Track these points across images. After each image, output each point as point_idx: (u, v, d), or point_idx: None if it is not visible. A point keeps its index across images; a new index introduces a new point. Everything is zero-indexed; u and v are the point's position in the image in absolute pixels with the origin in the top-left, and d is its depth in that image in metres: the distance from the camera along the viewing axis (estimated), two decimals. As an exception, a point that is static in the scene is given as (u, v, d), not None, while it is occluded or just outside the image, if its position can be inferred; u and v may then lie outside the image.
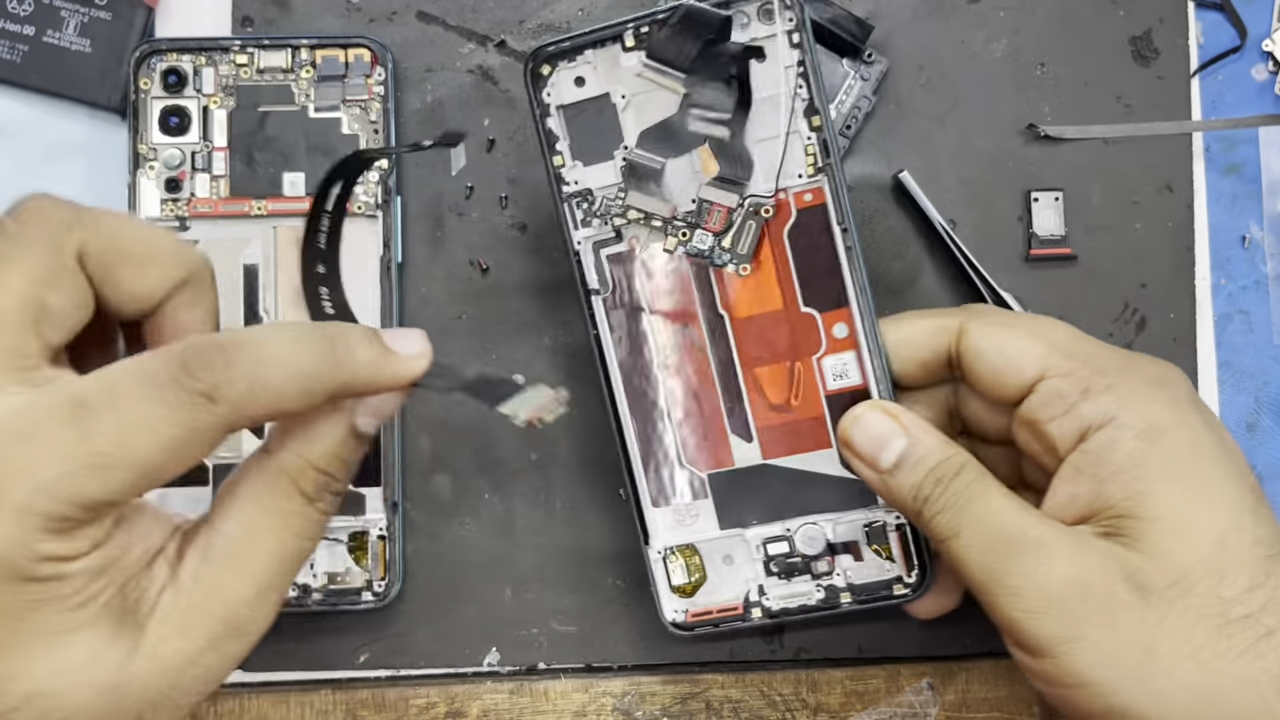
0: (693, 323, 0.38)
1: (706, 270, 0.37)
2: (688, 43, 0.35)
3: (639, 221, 0.37)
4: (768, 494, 0.38)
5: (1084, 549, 0.30)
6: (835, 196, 0.36)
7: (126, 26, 0.42)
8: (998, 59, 0.43)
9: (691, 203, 0.37)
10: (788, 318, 0.37)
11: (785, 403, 0.38)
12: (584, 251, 0.38)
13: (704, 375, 0.38)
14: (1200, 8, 0.44)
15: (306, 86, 0.41)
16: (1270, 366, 0.43)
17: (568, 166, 0.37)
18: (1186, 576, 0.29)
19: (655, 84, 0.36)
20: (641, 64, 0.36)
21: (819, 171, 0.36)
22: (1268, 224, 0.44)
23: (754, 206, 0.37)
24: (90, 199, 0.41)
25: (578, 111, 0.37)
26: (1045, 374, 0.33)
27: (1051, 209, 0.42)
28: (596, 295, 0.38)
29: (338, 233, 0.32)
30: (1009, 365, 0.33)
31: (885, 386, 0.36)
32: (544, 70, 0.37)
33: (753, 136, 0.36)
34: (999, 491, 0.32)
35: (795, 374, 0.37)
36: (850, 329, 0.37)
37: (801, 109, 0.36)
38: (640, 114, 0.37)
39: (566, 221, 0.37)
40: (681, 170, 0.37)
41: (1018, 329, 0.34)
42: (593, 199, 0.37)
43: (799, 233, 0.37)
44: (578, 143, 0.37)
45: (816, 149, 0.36)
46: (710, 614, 0.38)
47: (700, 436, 0.38)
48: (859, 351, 0.37)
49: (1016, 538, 0.31)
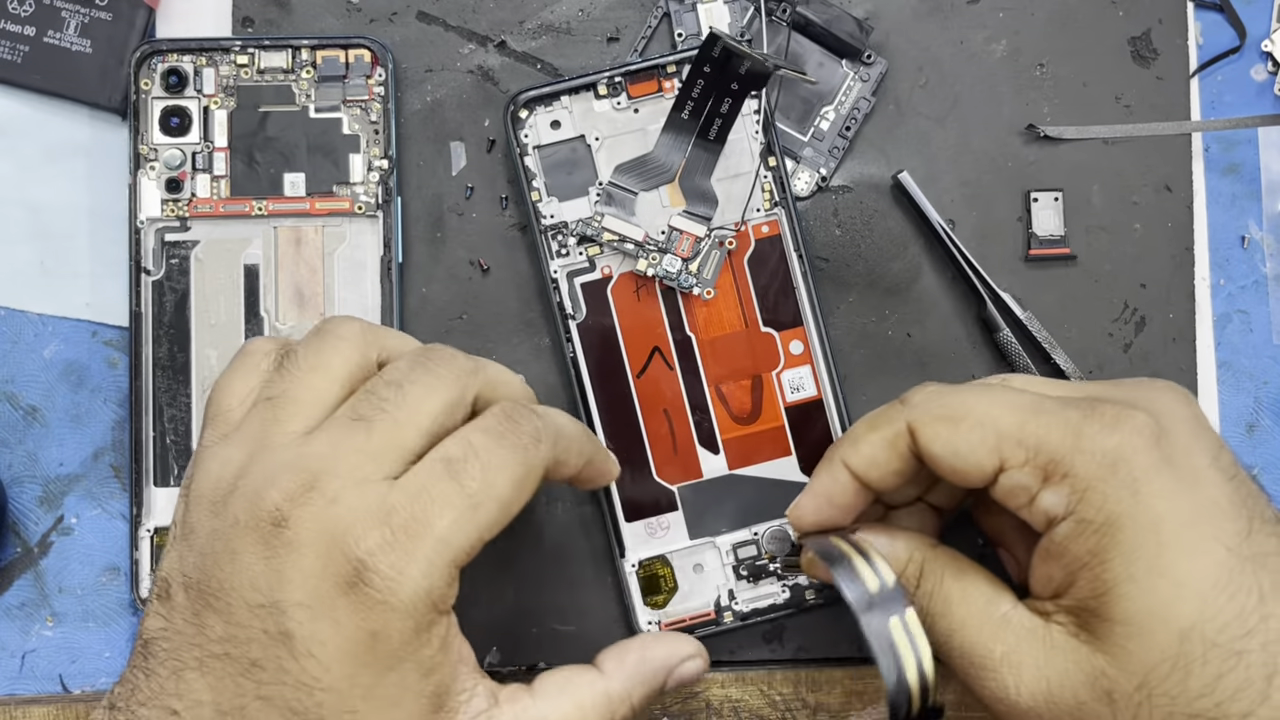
0: (662, 344, 0.40)
1: (675, 295, 0.40)
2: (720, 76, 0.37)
3: (612, 244, 0.40)
4: (735, 502, 0.40)
5: (1051, 657, 0.30)
6: (791, 227, 0.40)
7: (127, 27, 0.42)
8: (997, 59, 0.43)
9: (661, 232, 0.40)
10: (748, 337, 0.40)
11: (748, 415, 0.40)
12: (560, 279, 0.40)
13: (674, 393, 0.40)
14: (1200, 8, 0.44)
15: (307, 87, 0.41)
16: (1270, 366, 0.43)
17: (544, 201, 0.40)
18: (1150, 678, 0.29)
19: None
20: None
21: (775, 206, 0.40)
22: (1267, 224, 0.44)
23: (718, 237, 0.40)
24: (90, 199, 0.42)
25: (553, 151, 0.40)
26: (1003, 465, 0.31)
27: (1051, 209, 0.42)
28: (572, 319, 0.40)
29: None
30: (965, 464, 0.32)
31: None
32: (522, 114, 0.40)
33: (716, 175, 0.40)
34: (960, 599, 0.32)
35: (757, 389, 0.40)
36: (805, 345, 0.40)
37: (759, 150, 0.40)
38: (612, 154, 0.40)
39: (543, 251, 0.40)
40: (652, 202, 0.40)
41: (965, 421, 0.32)
42: (568, 231, 0.40)
43: (757, 260, 0.41)
44: (554, 180, 0.40)
45: (773, 186, 0.40)
46: (683, 622, 0.40)
47: (670, 450, 0.40)
48: (813, 365, 0.40)
49: (982, 658, 0.31)
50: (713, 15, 0.42)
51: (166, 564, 0.31)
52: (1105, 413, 0.31)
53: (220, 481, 0.30)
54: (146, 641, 0.30)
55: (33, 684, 0.41)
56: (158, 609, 0.30)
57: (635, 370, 0.40)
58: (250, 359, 0.33)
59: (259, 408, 0.31)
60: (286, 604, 0.28)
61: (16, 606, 0.41)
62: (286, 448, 0.30)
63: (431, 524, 0.29)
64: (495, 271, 0.42)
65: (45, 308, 0.42)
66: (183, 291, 0.40)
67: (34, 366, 0.42)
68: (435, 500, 0.29)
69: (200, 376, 0.40)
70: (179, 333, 0.40)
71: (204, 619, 0.29)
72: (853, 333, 0.42)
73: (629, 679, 0.33)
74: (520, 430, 0.31)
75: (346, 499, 0.29)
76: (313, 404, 0.31)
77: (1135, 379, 0.34)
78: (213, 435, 0.32)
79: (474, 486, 0.29)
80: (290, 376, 0.32)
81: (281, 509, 0.29)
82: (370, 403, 0.31)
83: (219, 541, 0.29)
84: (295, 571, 0.28)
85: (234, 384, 0.33)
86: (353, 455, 0.29)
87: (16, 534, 0.42)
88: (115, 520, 0.41)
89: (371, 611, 0.28)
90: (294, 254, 0.41)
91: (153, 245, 0.40)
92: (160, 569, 0.31)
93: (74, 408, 0.42)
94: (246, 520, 0.29)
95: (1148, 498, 0.30)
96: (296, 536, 0.29)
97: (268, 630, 0.28)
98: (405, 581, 0.28)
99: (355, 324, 0.33)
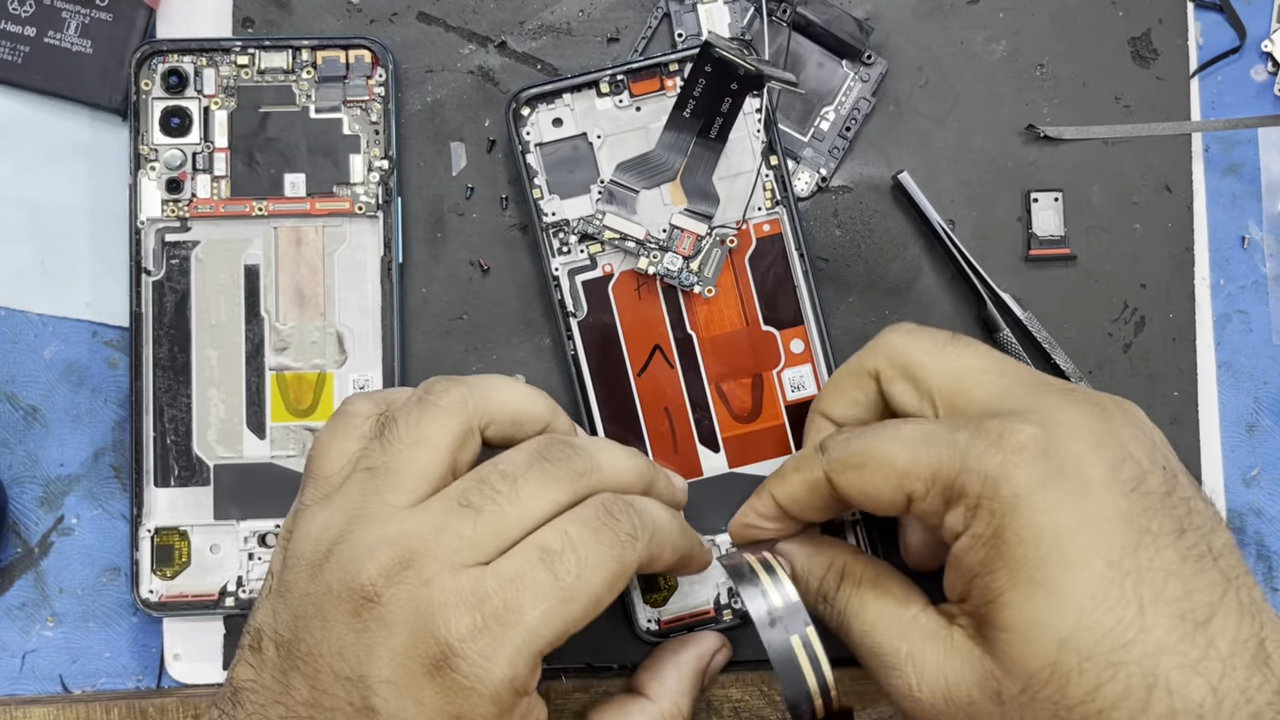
0: (663, 342, 0.40)
1: (676, 294, 0.40)
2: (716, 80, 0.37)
3: (614, 242, 0.40)
4: (735, 501, 0.39)
5: (950, 657, 0.32)
6: (792, 226, 0.40)
7: (127, 27, 0.42)
8: (997, 60, 0.43)
9: (662, 231, 0.40)
10: (749, 335, 0.41)
11: (749, 414, 0.40)
12: (561, 277, 0.40)
13: (674, 391, 0.40)
14: (1199, 8, 0.44)
15: (307, 87, 0.41)
16: (1269, 366, 0.43)
17: (545, 199, 0.40)
18: (1031, 683, 0.29)
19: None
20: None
21: (776, 204, 0.40)
22: (1267, 224, 0.44)
23: (719, 236, 0.40)
24: (91, 199, 0.42)
25: (555, 149, 0.40)
26: (910, 498, 0.32)
27: (1051, 209, 0.42)
28: (573, 317, 0.40)
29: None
30: (879, 504, 0.33)
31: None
32: (524, 111, 0.40)
33: (718, 174, 0.39)
34: (874, 602, 0.34)
35: (757, 387, 0.40)
36: (806, 344, 0.41)
37: (761, 149, 0.40)
38: (614, 152, 0.40)
39: (544, 249, 0.40)
40: (654, 200, 0.40)
41: (867, 467, 0.33)
42: (569, 229, 0.40)
43: (759, 259, 0.41)
44: (555, 177, 0.40)
45: (774, 185, 0.40)
46: (682, 620, 0.40)
47: (670, 449, 0.40)
48: (814, 364, 0.40)
49: (889, 656, 0.33)
50: (713, 15, 0.42)
51: (261, 616, 0.31)
52: (990, 430, 0.31)
53: (318, 544, 0.31)
54: (236, 690, 0.31)
55: (33, 684, 0.41)
56: (249, 659, 0.31)
57: (636, 368, 0.40)
58: (349, 420, 0.33)
59: (360, 476, 0.32)
60: (373, 680, 0.29)
61: (17, 607, 0.41)
62: (387, 521, 0.30)
63: (523, 613, 0.29)
64: (495, 271, 0.42)
65: (46, 308, 0.42)
66: (183, 292, 0.40)
67: (34, 367, 0.42)
68: (528, 589, 0.29)
69: (200, 377, 0.40)
70: (179, 333, 0.40)
71: (290, 679, 0.30)
72: (853, 333, 0.42)
73: (673, 694, 0.35)
74: (618, 527, 0.31)
75: (441, 581, 0.29)
76: (414, 477, 0.31)
77: (1085, 389, 0.34)
78: (313, 495, 0.33)
79: (568, 580, 0.30)
80: (392, 448, 0.32)
81: (376, 584, 0.29)
82: (482, 493, 0.31)
83: (311, 605, 0.30)
84: (384, 648, 0.29)
85: (333, 445, 0.33)
86: (453, 540, 0.30)
87: (17, 534, 0.42)
88: (116, 520, 0.42)
89: (457, 695, 0.29)
90: (294, 254, 0.41)
91: (153, 245, 0.40)
92: (254, 619, 0.32)
93: (74, 408, 0.42)
94: (340, 590, 0.30)
95: (1029, 512, 0.30)
96: (388, 614, 0.29)
97: (352, 702, 0.29)
98: (492, 669, 0.29)
99: (458, 391, 0.33)
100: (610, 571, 0.30)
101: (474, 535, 0.30)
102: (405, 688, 0.29)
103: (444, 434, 0.32)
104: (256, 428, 0.40)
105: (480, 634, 0.29)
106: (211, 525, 0.40)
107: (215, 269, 0.41)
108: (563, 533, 0.30)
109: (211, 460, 0.40)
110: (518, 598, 0.29)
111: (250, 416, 0.40)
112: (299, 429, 0.40)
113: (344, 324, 0.41)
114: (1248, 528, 0.43)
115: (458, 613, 0.29)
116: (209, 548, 0.40)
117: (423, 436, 0.32)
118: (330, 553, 0.30)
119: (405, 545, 0.30)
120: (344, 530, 0.31)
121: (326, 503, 0.32)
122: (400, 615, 0.29)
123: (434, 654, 0.29)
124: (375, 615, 0.29)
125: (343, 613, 0.29)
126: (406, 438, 0.32)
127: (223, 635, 0.41)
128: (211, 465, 0.40)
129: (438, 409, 0.32)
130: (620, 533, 0.31)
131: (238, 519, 0.40)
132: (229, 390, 0.40)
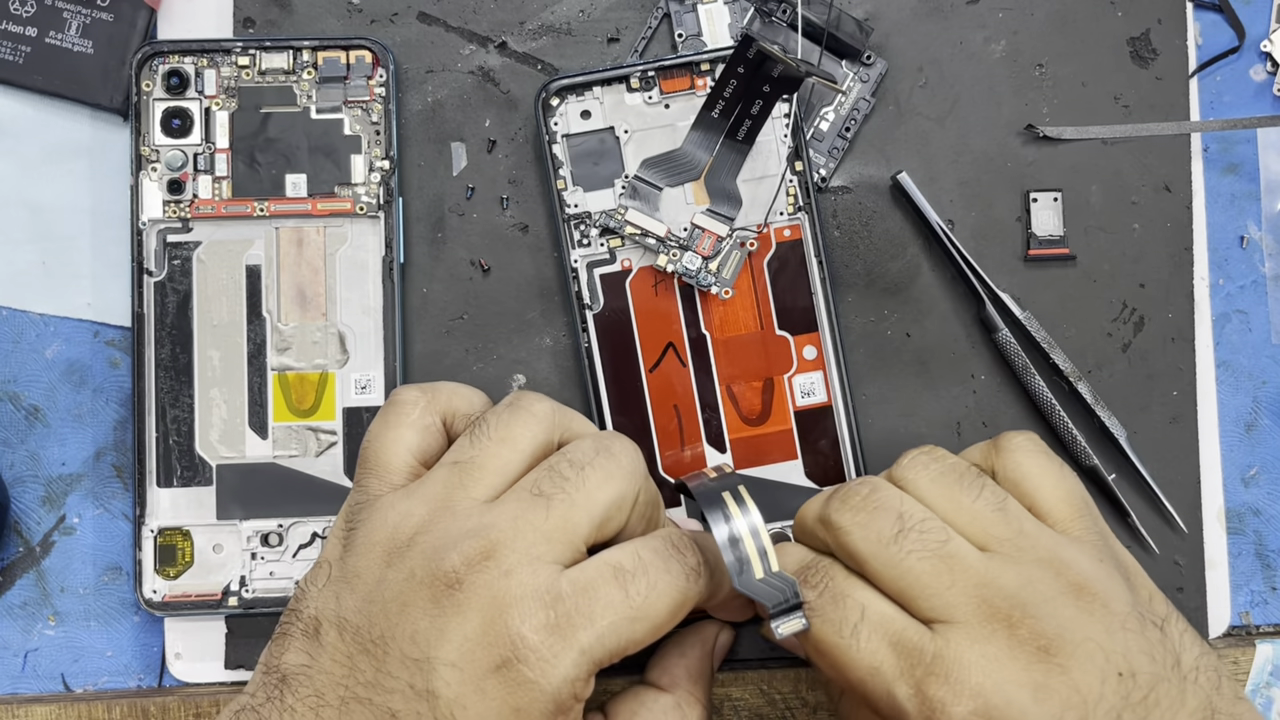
0: (677, 340, 0.40)
1: (692, 293, 0.41)
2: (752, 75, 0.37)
3: (634, 238, 0.40)
4: None
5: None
6: (813, 232, 0.40)
7: (128, 28, 0.42)
8: (996, 60, 0.43)
9: (684, 229, 0.40)
10: (763, 339, 0.41)
11: (758, 417, 0.40)
12: (580, 269, 0.40)
13: (685, 389, 0.40)
14: (1198, 8, 0.44)
15: (308, 88, 0.41)
16: (1268, 366, 0.43)
17: (569, 190, 0.40)
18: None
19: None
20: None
21: (799, 210, 0.40)
22: (1266, 224, 0.44)
23: (740, 238, 0.40)
24: (92, 200, 0.42)
25: (581, 141, 0.41)
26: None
27: (1050, 209, 0.42)
28: (589, 310, 0.40)
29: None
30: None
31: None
32: (554, 102, 0.40)
33: (742, 176, 0.40)
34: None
35: (768, 391, 0.40)
36: (819, 351, 0.41)
37: (786, 154, 0.40)
38: (640, 148, 0.40)
39: (565, 241, 0.40)
40: (676, 198, 0.40)
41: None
42: (590, 221, 0.40)
43: (777, 263, 0.41)
44: (580, 169, 0.41)
45: (798, 190, 0.40)
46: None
47: (677, 446, 0.40)
48: (826, 371, 0.41)
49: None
50: (713, 15, 0.42)
51: (319, 603, 0.32)
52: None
53: (398, 532, 0.32)
54: (285, 676, 0.31)
55: (35, 683, 0.41)
56: (302, 645, 0.31)
57: (648, 364, 0.40)
58: (400, 409, 0.35)
59: (445, 470, 0.33)
60: (438, 662, 0.29)
61: (19, 606, 0.41)
62: (469, 514, 0.31)
63: (594, 620, 0.30)
64: (496, 271, 0.42)
65: (47, 308, 0.42)
66: (185, 292, 0.41)
67: (36, 366, 0.42)
68: (600, 599, 0.30)
69: (202, 377, 0.40)
70: (181, 333, 0.40)
71: (356, 662, 0.30)
72: (852, 333, 0.42)
73: (685, 683, 0.36)
74: (686, 560, 0.32)
75: (520, 574, 0.30)
76: (497, 473, 0.33)
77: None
78: (380, 485, 0.33)
79: (638, 600, 0.31)
80: (480, 445, 0.33)
81: (459, 571, 0.30)
82: (552, 480, 0.32)
83: (389, 590, 0.31)
84: (456, 633, 0.29)
85: (386, 434, 0.34)
86: (530, 532, 0.31)
87: (19, 533, 0.42)
88: (117, 520, 0.42)
89: (519, 688, 0.29)
90: (296, 255, 0.41)
91: (155, 246, 0.41)
92: (308, 606, 0.32)
93: (76, 407, 0.42)
94: (423, 576, 0.30)
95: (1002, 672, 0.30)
96: (467, 600, 0.30)
97: (414, 685, 0.29)
98: (557, 666, 0.29)
99: (547, 404, 0.34)
100: (675, 600, 0.31)
101: (548, 527, 0.31)
102: (469, 674, 0.29)
103: (529, 438, 0.33)
104: (259, 428, 0.40)
105: (551, 631, 0.29)
106: (214, 525, 0.40)
107: (217, 269, 0.41)
108: (636, 555, 0.31)
109: (214, 460, 0.40)
110: (590, 605, 0.30)
111: (252, 416, 0.40)
112: (301, 429, 0.40)
113: (345, 324, 0.41)
114: (1247, 528, 0.43)
115: (533, 607, 0.30)
116: (212, 547, 0.40)
117: (510, 436, 0.33)
118: (412, 541, 0.31)
119: (487, 536, 0.30)
120: (427, 520, 0.31)
121: (406, 493, 0.33)
122: (477, 602, 0.30)
123: (504, 645, 0.29)
124: (454, 601, 0.30)
125: (423, 599, 0.30)
126: (495, 436, 0.33)
127: (224, 634, 0.41)
128: (214, 465, 0.40)
129: (528, 414, 0.34)
130: (687, 566, 0.32)
131: (240, 519, 0.40)
132: (231, 390, 0.40)
